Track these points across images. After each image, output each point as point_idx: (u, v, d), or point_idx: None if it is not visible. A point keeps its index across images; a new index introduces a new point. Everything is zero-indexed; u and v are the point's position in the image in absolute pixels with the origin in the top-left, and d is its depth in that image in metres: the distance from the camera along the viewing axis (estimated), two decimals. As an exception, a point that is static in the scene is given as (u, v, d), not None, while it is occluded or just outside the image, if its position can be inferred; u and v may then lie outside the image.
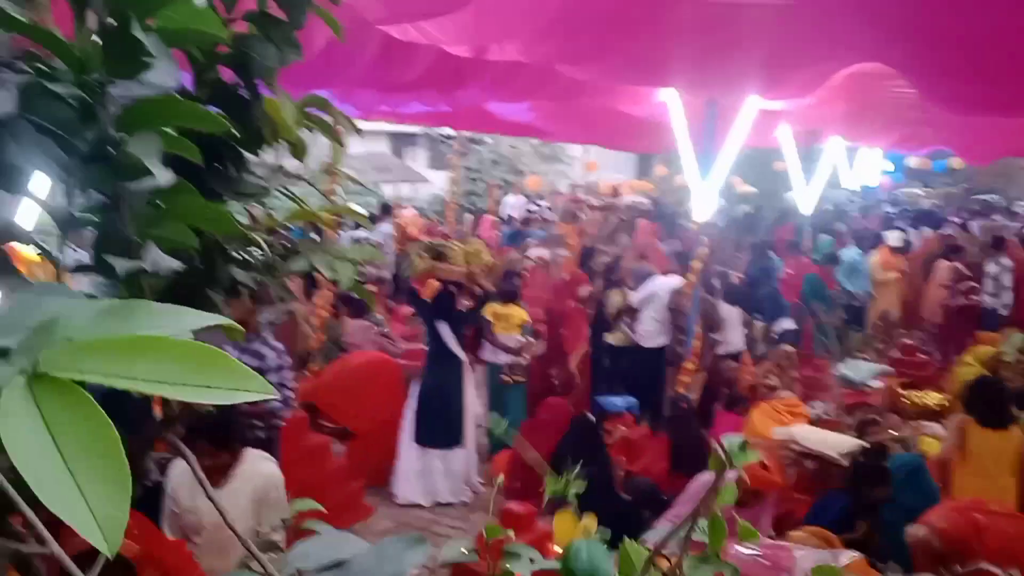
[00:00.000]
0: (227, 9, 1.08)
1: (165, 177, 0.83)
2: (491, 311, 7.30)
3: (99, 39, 0.81)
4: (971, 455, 5.24)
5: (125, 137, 0.82)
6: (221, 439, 3.54)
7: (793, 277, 11.10)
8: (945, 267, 11.08)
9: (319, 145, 1.38)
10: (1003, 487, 5.10)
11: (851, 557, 3.62)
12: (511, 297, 7.58)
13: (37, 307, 0.58)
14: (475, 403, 7.09)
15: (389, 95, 8.79)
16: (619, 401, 6.45)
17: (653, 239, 12.08)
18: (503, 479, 2.44)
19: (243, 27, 1.12)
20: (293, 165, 1.33)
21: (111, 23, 0.79)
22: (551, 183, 20.48)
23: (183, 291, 1.02)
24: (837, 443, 5.35)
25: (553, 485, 1.16)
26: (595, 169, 20.01)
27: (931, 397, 7.62)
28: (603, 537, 1.21)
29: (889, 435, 6.08)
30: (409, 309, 8.53)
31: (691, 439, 5.92)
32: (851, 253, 11.75)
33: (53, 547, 0.58)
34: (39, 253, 0.94)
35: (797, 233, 13.87)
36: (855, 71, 6.81)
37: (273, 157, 1.27)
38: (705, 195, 7.52)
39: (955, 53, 4.95)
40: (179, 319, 0.53)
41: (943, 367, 9.19)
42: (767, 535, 4.51)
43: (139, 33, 0.78)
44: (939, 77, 5.70)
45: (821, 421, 6.50)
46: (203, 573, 3.65)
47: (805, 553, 3.59)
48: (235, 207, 1.22)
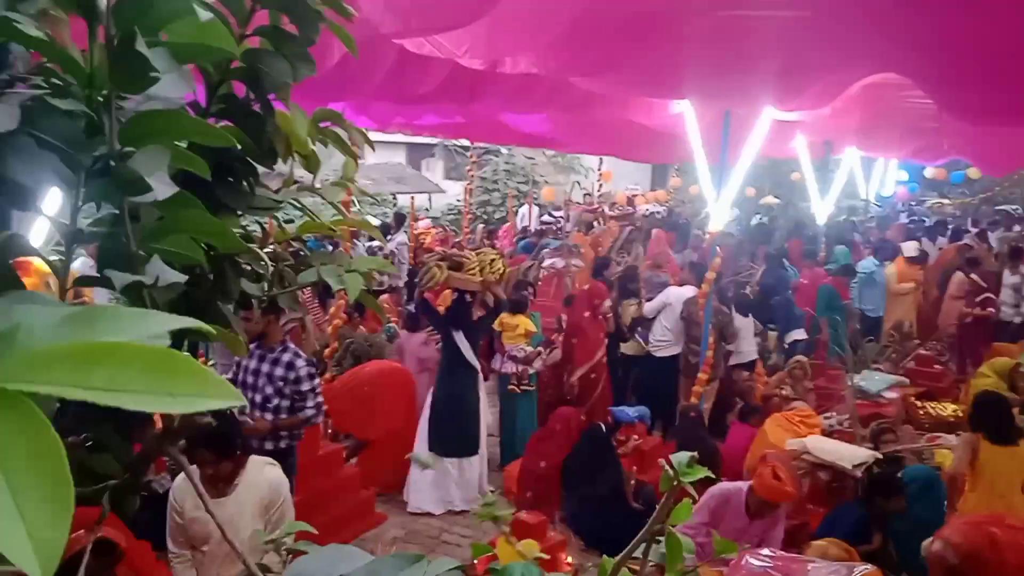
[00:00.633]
0: (240, 24, 1.07)
1: (163, 191, 0.82)
2: (499, 321, 7.32)
3: (107, 53, 0.80)
4: (981, 472, 5.10)
5: (131, 151, 0.82)
6: (223, 447, 3.51)
7: (808, 287, 11.03)
8: (961, 279, 11.00)
9: (337, 157, 1.39)
10: (1012, 505, 4.89)
11: (864, 571, 3.59)
12: (519, 308, 7.60)
13: (4, 314, 0.56)
14: (487, 412, 7.10)
15: (405, 107, 8.84)
16: (631, 411, 6.47)
17: (667, 248, 12.05)
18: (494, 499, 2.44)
19: (256, 42, 1.11)
20: (310, 177, 1.33)
21: (118, 37, 0.79)
22: (566, 193, 20.47)
23: (194, 304, 1.03)
24: (851, 454, 5.32)
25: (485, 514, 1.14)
26: (610, 179, 19.97)
27: (947, 408, 7.58)
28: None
29: (904, 447, 6.04)
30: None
31: (698, 448, 5.89)
32: (869, 264, 11.67)
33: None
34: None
35: (813, 243, 13.80)
36: (871, 82, 6.81)
37: (287, 171, 1.27)
38: (720, 205, 7.52)
39: (971, 63, 4.93)
40: (145, 323, 0.51)
41: (959, 378, 9.12)
42: (779, 546, 4.48)
43: (143, 48, 0.78)
44: (955, 87, 5.68)
45: (835, 432, 6.46)
46: (169, 573, 3.67)
47: (818, 565, 3.57)
48: (248, 220, 1.23)
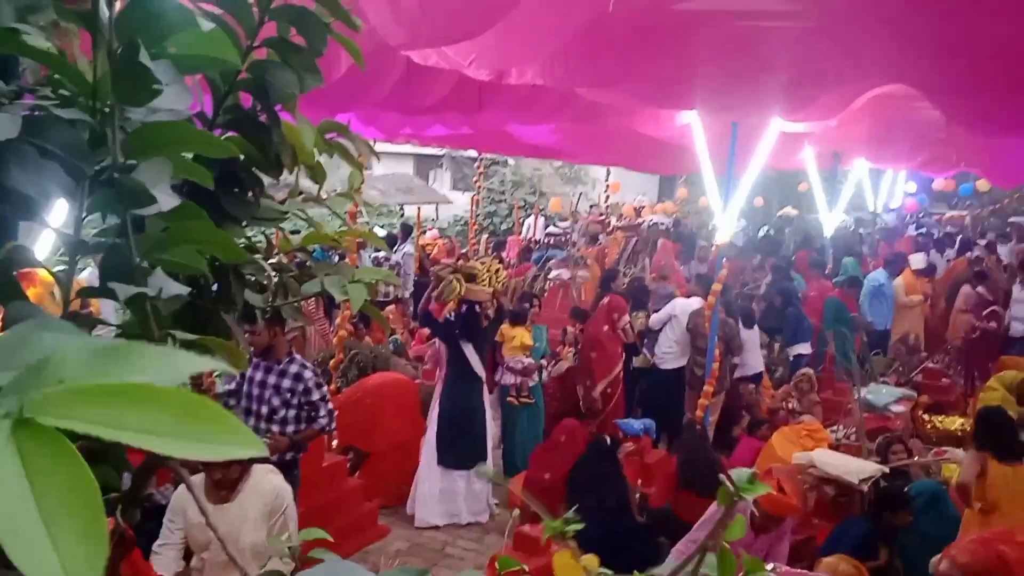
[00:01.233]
0: (248, 36, 1.07)
1: (166, 202, 0.82)
2: (499, 332, 7.32)
3: (110, 65, 0.81)
4: (989, 489, 4.89)
5: (134, 163, 0.82)
6: None
7: (815, 299, 10.99)
8: (968, 292, 10.94)
9: (343, 168, 1.39)
10: (1021, 522, 4.60)
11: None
12: (519, 319, 7.59)
13: (34, 343, 0.56)
14: (492, 423, 7.09)
15: (412, 118, 8.86)
16: (636, 424, 6.45)
17: (672, 259, 12.03)
18: (519, 513, 2.42)
19: (263, 53, 1.11)
20: (316, 188, 1.33)
21: (121, 49, 0.79)
22: (573, 204, 20.49)
23: (198, 314, 1.02)
24: (858, 468, 5.28)
25: (552, 528, 1.12)
26: (618, 190, 19.96)
27: (954, 422, 7.53)
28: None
29: (911, 460, 6.00)
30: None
31: (700, 462, 5.86)
32: (878, 276, 11.62)
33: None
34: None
35: (821, 254, 13.77)
36: (879, 93, 6.79)
37: (294, 182, 1.27)
38: (727, 217, 7.50)
39: (981, 74, 4.91)
40: (174, 364, 0.51)
41: (967, 392, 9.07)
42: (784, 561, 4.46)
43: (146, 60, 0.78)
44: (965, 98, 5.66)
45: (842, 446, 6.42)
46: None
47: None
48: (253, 231, 1.23)
